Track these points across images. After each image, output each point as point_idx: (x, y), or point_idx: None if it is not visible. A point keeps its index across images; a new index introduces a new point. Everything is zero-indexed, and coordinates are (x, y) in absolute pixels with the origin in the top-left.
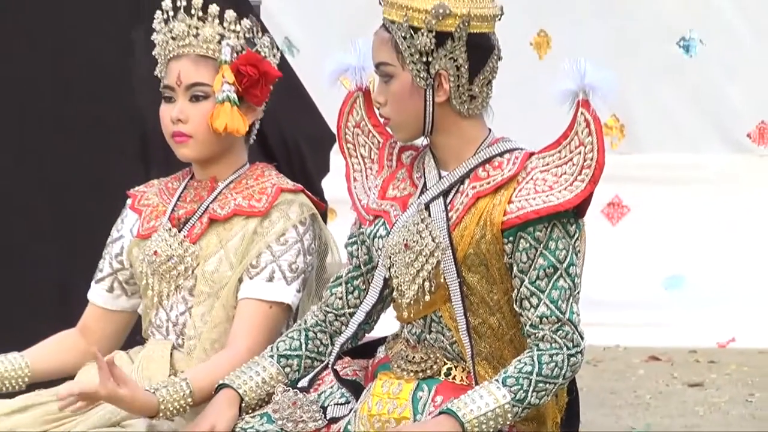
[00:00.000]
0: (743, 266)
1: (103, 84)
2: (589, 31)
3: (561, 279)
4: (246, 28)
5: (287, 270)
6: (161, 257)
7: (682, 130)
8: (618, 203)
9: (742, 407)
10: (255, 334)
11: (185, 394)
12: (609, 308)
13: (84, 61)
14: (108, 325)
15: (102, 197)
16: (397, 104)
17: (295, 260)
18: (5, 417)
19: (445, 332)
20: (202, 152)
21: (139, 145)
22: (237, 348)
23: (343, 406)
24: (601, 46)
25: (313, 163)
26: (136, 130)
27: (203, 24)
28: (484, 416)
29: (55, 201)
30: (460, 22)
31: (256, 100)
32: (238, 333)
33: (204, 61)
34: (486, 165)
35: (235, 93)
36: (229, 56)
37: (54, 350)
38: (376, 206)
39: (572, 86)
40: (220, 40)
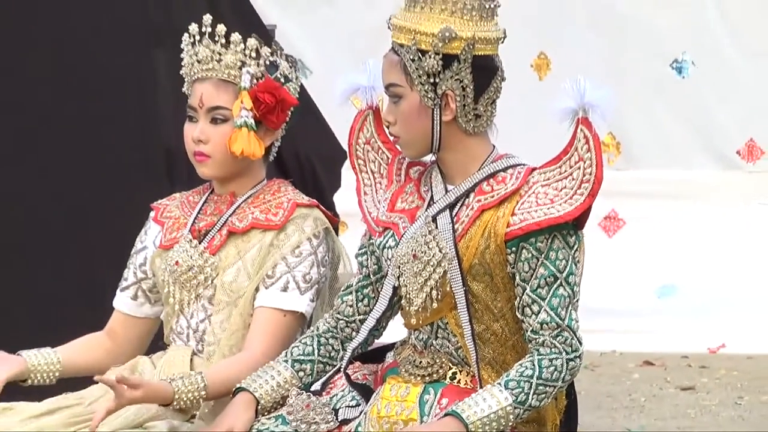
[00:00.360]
0: (733, 276)
1: (128, 102)
2: (587, 54)
3: (561, 287)
4: (266, 55)
5: (301, 281)
6: (182, 267)
7: (675, 148)
8: (614, 216)
9: (731, 410)
10: (269, 340)
11: (199, 386)
12: (605, 315)
13: (109, 80)
14: (132, 331)
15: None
16: (406, 123)
17: (309, 271)
18: (34, 419)
19: (451, 338)
20: (220, 171)
21: (164, 160)
22: (252, 352)
23: (353, 409)
24: (598, 67)
25: (325, 178)
26: (160, 147)
27: (226, 50)
28: (487, 418)
29: (83, 214)
30: (465, 45)
31: (273, 125)
32: (254, 338)
33: (225, 86)
34: (490, 179)
35: (253, 118)
36: (248, 83)
37: (84, 349)
38: (385, 218)
39: (572, 104)
40: (241, 66)
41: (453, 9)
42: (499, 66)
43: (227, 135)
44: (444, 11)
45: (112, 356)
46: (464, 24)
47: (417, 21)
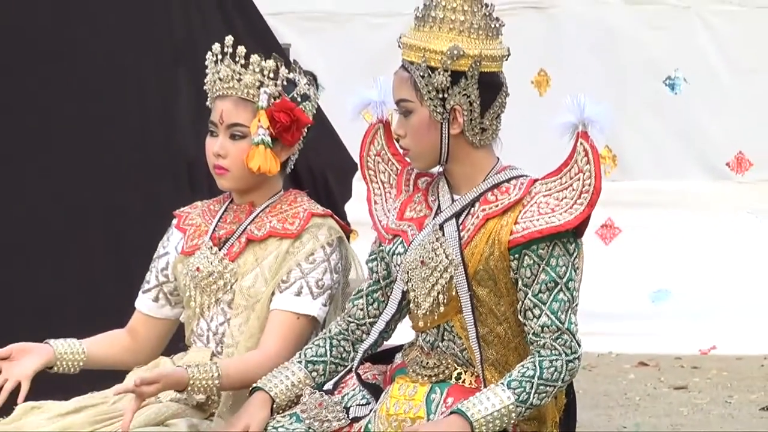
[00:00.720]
0: (723, 281)
1: (152, 115)
2: (585, 71)
3: (561, 292)
4: (284, 75)
5: (314, 286)
6: (203, 273)
7: (669, 160)
8: (611, 225)
9: (722, 408)
10: (282, 341)
11: (213, 375)
12: (602, 319)
13: (134, 93)
14: (152, 331)
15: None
16: (415, 136)
17: (322, 277)
18: (61, 417)
19: (456, 340)
20: (238, 184)
21: (185, 170)
22: (266, 351)
23: (364, 407)
24: (595, 84)
25: (337, 189)
26: (182, 158)
27: (245, 71)
28: (490, 415)
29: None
30: (472, 62)
31: (288, 143)
32: (268, 338)
33: (244, 104)
34: (494, 190)
35: (270, 135)
36: (265, 102)
37: (106, 344)
38: (394, 226)
39: (572, 119)
40: (260, 86)
41: (461, 28)
42: (503, 82)
43: (245, 151)
44: (452, 30)
45: (132, 353)
46: (471, 42)
47: (426, 39)
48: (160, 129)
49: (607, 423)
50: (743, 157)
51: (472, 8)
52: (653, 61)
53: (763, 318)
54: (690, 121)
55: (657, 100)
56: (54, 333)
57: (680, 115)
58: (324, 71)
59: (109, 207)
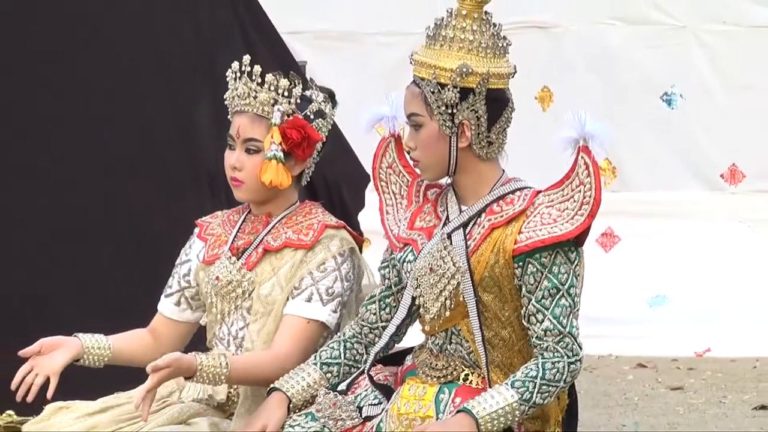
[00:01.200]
0: (718, 287)
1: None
2: (586, 87)
3: (563, 298)
4: (297, 93)
5: (324, 293)
6: (222, 282)
7: (665, 172)
8: (610, 234)
9: (716, 407)
10: (292, 343)
11: (222, 364)
12: (603, 323)
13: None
14: (173, 332)
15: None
16: (426, 149)
17: (332, 285)
18: (88, 416)
19: (463, 343)
20: (252, 196)
21: (206, 181)
22: (276, 351)
23: (376, 407)
24: (595, 100)
25: (350, 199)
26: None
27: (261, 89)
28: (495, 413)
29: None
30: (480, 80)
31: (300, 158)
32: (279, 340)
33: (259, 120)
34: (500, 201)
35: (282, 151)
36: (279, 119)
37: (131, 342)
38: (405, 235)
39: (574, 134)
40: (274, 104)
41: (469, 47)
42: (510, 98)
43: (259, 165)
44: (461, 49)
45: (153, 353)
46: (480, 61)
47: (437, 57)
48: (182, 141)
49: (607, 422)
50: (737, 169)
51: (480, 28)
52: (651, 78)
53: (755, 322)
54: (686, 135)
55: (654, 115)
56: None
57: (676, 129)
58: (338, 88)
59: (133, 214)
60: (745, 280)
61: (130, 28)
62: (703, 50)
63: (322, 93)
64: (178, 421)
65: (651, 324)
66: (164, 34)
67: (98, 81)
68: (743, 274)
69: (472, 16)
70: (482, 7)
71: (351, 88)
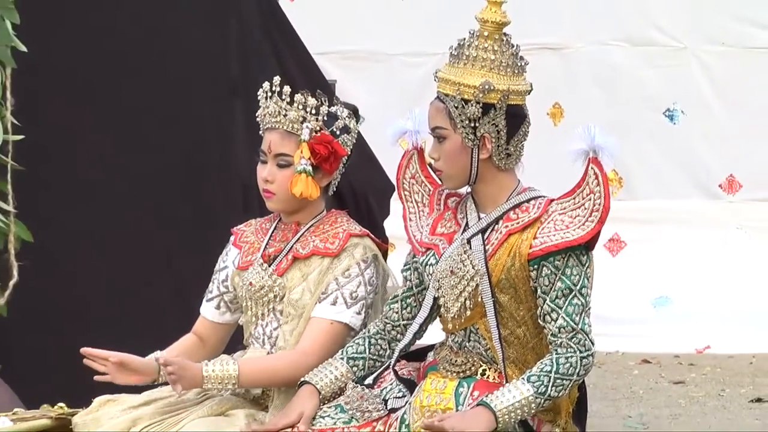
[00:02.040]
0: (716, 289)
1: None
2: (594, 103)
3: (575, 298)
4: (324, 111)
5: (348, 297)
6: (255, 287)
7: (668, 182)
8: (617, 239)
9: (715, 400)
10: (315, 342)
11: (230, 372)
12: (610, 322)
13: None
14: (215, 334)
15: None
16: (449, 160)
17: (356, 290)
18: (133, 409)
19: (481, 341)
20: (283, 207)
21: (240, 192)
22: (300, 349)
23: (400, 399)
24: (603, 115)
25: (377, 207)
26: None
27: (290, 107)
28: (511, 405)
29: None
30: (501, 96)
31: (327, 171)
32: (304, 340)
33: (289, 136)
34: (516, 209)
35: (311, 165)
36: (307, 136)
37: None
38: (427, 240)
39: (584, 146)
40: (303, 121)
41: (491, 66)
42: (527, 113)
43: (289, 178)
44: (483, 67)
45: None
46: (500, 78)
47: (461, 75)
48: (217, 154)
49: (614, 413)
50: (734, 179)
51: (501, 48)
52: (654, 95)
53: (752, 321)
54: (687, 148)
55: (658, 130)
56: (118, 341)
57: (678, 142)
58: (365, 104)
59: (169, 224)
60: (742, 282)
61: (165, 47)
62: (703, 69)
63: (346, 109)
64: (217, 412)
65: (655, 323)
66: (202, 53)
67: (137, 98)
68: (740, 277)
69: (493, 37)
70: (502, 28)
71: (377, 105)
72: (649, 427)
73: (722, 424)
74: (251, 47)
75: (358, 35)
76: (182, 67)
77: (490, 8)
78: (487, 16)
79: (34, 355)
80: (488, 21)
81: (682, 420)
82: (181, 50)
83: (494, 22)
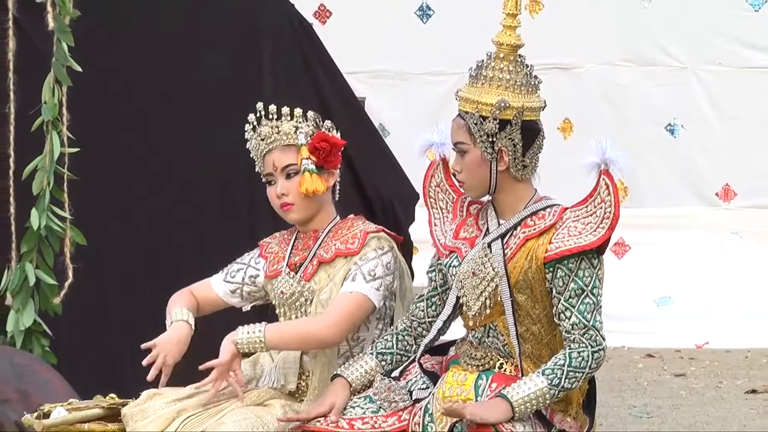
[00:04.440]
0: (714, 289)
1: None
2: (601, 119)
3: (587, 297)
4: (311, 117)
5: (366, 273)
6: (286, 295)
7: (669, 190)
8: (622, 243)
9: (714, 391)
10: (335, 309)
11: (259, 337)
12: (616, 319)
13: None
14: (210, 307)
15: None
16: (470, 172)
17: (374, 269)
18: (178, 401)
19: (500, 337)
20: (304, 213)
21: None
22: (326, 316)
23: (424, 390)
24: (609, 130)
25: (403, 214)
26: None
27: (281, 122)
28: (527, 397)
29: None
30: (516, 112)
31: (332, 165)
32: (329, 309)
33: (289, 148)
34: (533, 216)
35: (314, 164)
36: (304, 140)
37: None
38: (451, 244)
39: (596, 159)
40: (296, 130)
41: (507, 85)
42: (541, 128)
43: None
44: (500, 87)
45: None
46: (516, 96)
47: (479, 94)
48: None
49: (620, 403)
50: (729, 188)
51: (516, 68)
52: (656, 111)
53: (747, 318)
54: (686, 159)
55: (660, 143)
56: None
57: (678, 154)
58: (390, 119)
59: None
60: (738, 282)
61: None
62: (702, 87)
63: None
64: (255, 402)
65: (658, 320)
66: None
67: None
68: (736, 278)
69: (508, 59)
70: (517, 50)
71: (401, 119)
72: (652, 416)
73: (720, 413)
74: (283, 67)
75: (384, 56)
76: (220, 86)
77: (505, 32)
78: (502, 39)
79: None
80: (504, 44)
81: (682, 410)
82: (219, 71)
83: (509, 45)
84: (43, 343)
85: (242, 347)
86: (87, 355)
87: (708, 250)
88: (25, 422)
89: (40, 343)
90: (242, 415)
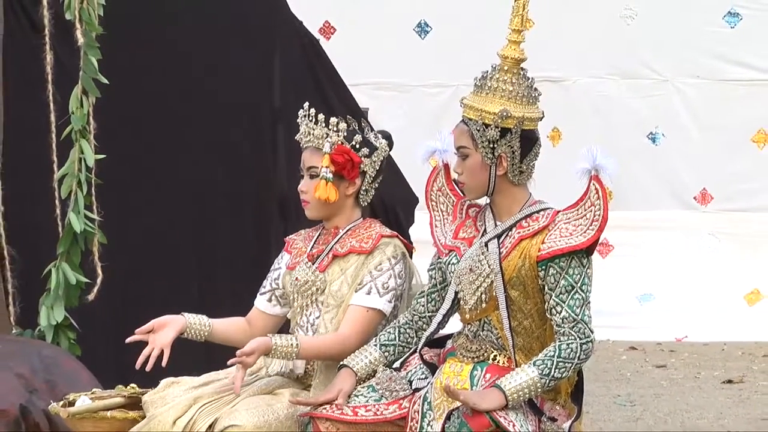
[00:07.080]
0: (693, 286)
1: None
2: (587, 127)
3: (577, 293)
4: (343, 129)
5: (381, 287)
6: (300, 281)
7: (650, 194)
8: (606, 243)
9: (692, 382)
10: (354, 327)
11: (293, 344)
12: (601, 315)
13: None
14: (264, 323)
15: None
16: (470, 174)
17: (387, 281)
18: (194, 389)
19: (494, 330)
20: (317, 213)
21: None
22: (341, 333)
23: (423, 380)
24: (594, 138)
25: (404, 217)
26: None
27: (315, 126)
28: (519, 386)
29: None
30: (517, 122)
31: (349, 177)
32: (344, 325)
33: (317, 152)
34: (528, 218)
35: (332, 173)
36: (328, 148)
37: (228, 324)
38: (450, 243)
39: (587, 165)
40: (326, 137)
41: (509, 96)
42: (538, 137)
43: None
44: (503, 97)
45: (245, 336)
46: (517, 107)
47: (483, 103)
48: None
49: (605, 392)
50: (706, 192)
51: (518, 81)
52: (639, 121)
53: (723, 314)
54: (667, 166)
55: (642, 150)
56: None
57: (659, 161)
58: (392, 128)
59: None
60: (714, 280)
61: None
62: (682, 99)
63: (380, 134)
64: (266, 391)
65: (640, 315)
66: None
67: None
68: (713, 276)
69: (512, 71)
70: (520, 64)
71: (403, 128)
72: (635, 404)
73: (698, 402)
74: (292, 81)
75: (385, 70)
76: (233, 98)
77: (510, 46)
78: (507, 53)
79: (110, 342)
80: (508, 57)
81: (663, 398)
82: (235, 88)
83: (513, 58)
84: (70, 336)
85: (276, 350)
86: (110, 347)
87: (687, 251)
88: (52, 410)
89: (67, 336)
90: (254, 404)
